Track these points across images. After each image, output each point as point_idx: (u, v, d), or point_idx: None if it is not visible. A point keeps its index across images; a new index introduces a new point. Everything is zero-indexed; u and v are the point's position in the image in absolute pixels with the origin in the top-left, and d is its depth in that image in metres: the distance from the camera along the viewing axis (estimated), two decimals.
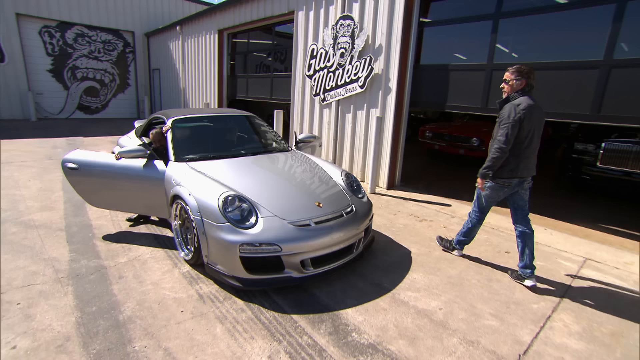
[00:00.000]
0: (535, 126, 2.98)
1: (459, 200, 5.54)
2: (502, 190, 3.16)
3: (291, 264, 2.85)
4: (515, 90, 3.00)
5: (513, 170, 3.05)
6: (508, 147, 2.94)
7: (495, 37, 4.62)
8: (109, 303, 2.68)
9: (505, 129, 2.92)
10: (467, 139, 7.81)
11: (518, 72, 2.96)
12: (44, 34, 13.52)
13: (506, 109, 2.97)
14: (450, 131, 8.34)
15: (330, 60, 6.64)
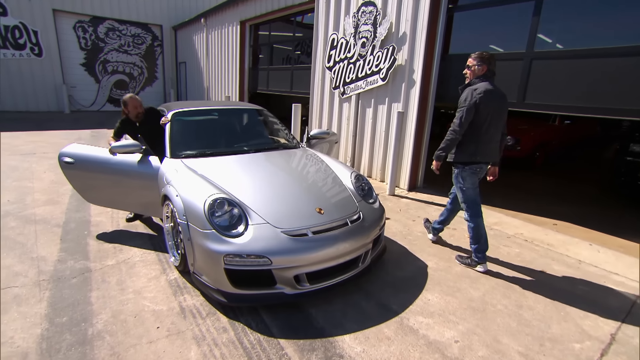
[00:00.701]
0: (494, 111, 2.99)
1: (488, 206, 4.95)
2: (476, 175, 3.18)
3: (284, 278, 2.49)
4: (476, 75, 3.03)
5: (472, 154, 3.08)
6: (461, 131, 3.00)
7: (538, 21, 3.99)
8: (82, 313, 2.45)
9: (461, 112, 2.98)
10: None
11: (480, 58, 3.00)
12: (78, 28, 13.95)
13: (465, 93, 3.00)
14: None
15: (351, 50, 6.19)
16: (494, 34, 5.01)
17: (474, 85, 3.01)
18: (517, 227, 4.28)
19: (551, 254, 3.62)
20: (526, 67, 4.10)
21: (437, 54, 5.03)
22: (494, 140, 3.12)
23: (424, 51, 5.01)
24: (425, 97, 5.23)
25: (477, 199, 3.24)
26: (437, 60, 5.06)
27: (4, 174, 5.46)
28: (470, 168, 3.12)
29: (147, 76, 15.87)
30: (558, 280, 3.14)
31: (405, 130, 5.41)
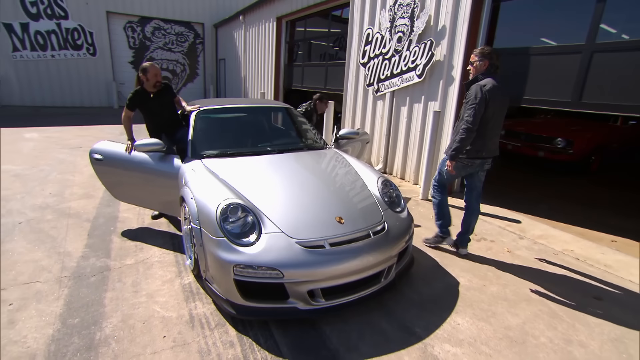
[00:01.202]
0: (498, 108, 3.05)
1: (532, 216, 4.47)
2: (465, 169, 3.23)
3: (297, 293, 2.31)
4: (479, 71, 3.06)
5: (479, 150, 3.11)
6: (475, 127, 2.98)
7: (602, 9, 3.46)
8: (94, 315, 2.43)
9: (473, 109, 2.95)
10: (549, 139, 6.46)
11: (481, 54, 3.05)
12: (128, 28, 14.78)
13: (472, 89, 2.99)
14: (528, 129, 6.98)
15: (386, 46, 5.87)
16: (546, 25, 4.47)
17: (480, 81, 3.02)
18: (567, 242, 3.79)
19: (609, 277, 3.15)
20: (585, 61, 3.58)
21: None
22: (497, 135, 3.20)
23: (465, 46, 4.59)
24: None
25: (447, 184, 3.47)
26: None
27: (51, 167, 5.78)
28: (467, 160, 3.17)
29: (189, 73, 16.44)
30: (618, 312, 2.69)
31: (441, 131, 5.02)
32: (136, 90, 3.68)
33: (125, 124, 3.70)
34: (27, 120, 10.32)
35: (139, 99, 3.67)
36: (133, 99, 3.66)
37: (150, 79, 3.59)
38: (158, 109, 3.76)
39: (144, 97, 3.67)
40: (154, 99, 3.71)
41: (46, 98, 13.73)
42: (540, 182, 6.33)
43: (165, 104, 3.81)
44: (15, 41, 12.91)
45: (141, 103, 3.69)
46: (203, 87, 16.85)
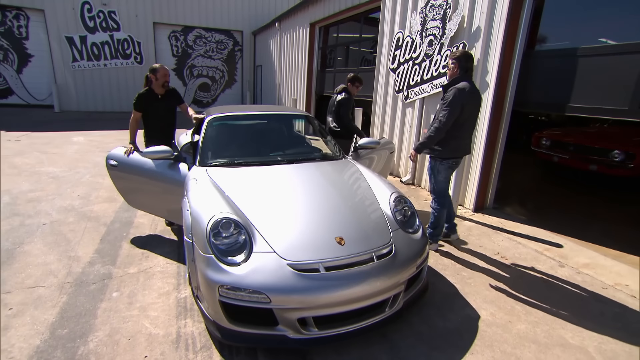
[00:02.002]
0: (473, 110, 3.25)
1: (578, 240, 3.90)
2: (452, 169, 3.43)
3: (286, 320, 2.09)
4: (453, 74, 3.21)
5: (454, 150, 3.31)
6: (446, 128, 3.17)
7: None
8: (83, 327, 2.38)
9: (447, 111, 3.12)
10: (604, 152, 5.67)
11: (454, 57, 3.21)
12: (172, 37, 15.61)
13: (451, 92, 3.13)
14: (577, 140, 6.20)
15: (417, 50, 5.53)
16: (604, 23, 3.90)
17: (458, 84, 3.14)
18: (620, 274, 3.22)
19: None
20: None
21: (517, 50, 4.13)
22: (470, 137, 3.41)
23: (502, 48, 4.16)
24: (501, 102, 4.36)
25: (447, 191, 3.53)
26: (517, 58, 4.15)
27: (86, 169, 6.06)
28: (447, 162, 3.35)
29: (227, 79, 16.99)
30: None
31: (474, 141, 4.60)
32: (144, 90, 3.73)
33: (131, 127, 3.75)
34: (79, 125, 11.10)
35: (146, 100, 3.70)
36: (140, 99, 3.69)
37: (159, 78, 3.65)
38: (163, 111, 3.81)
39: (152, 98, 3.71)
40: (162, 100, 3.76)
41: (98, 104, 14.80)
42: (590, 200, 5.59)
43: (170, 109, 3.87)
44: (75, 52, 14.11)
45: (148, 104, 3.71)
46: (240, 93, 17.30)
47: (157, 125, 3.83)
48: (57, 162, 6.45)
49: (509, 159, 5.20)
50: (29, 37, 13.68)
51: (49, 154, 7.03)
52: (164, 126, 3.90)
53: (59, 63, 13.97)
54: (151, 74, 3.67)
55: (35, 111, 13.42)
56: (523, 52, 4.12)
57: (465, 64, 3.17)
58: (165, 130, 3.92)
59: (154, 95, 3.73)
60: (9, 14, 13.23)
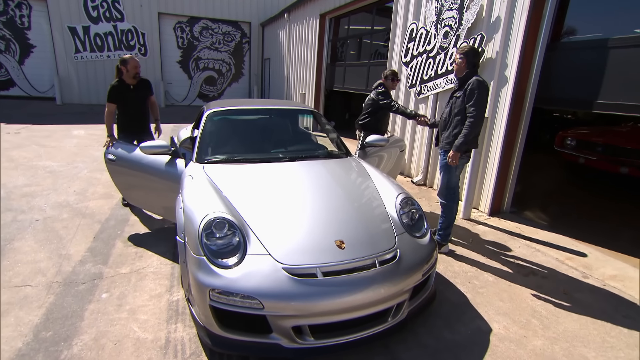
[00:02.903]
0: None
1: (604, 249, 3.64)
2: (465, 161, 3.36)
3: (280, 328, 1.93)
4: (462, 69, 3.18)
5: (471, 142, 3.21)
6: (482, 122, 3.18)
7: None
8: (68, 330, 2.24)
9: (479, 104, 3.07)
10: (636, 153, 5.30)
11: (460, 52, 3.17)
12: (177, 29, 15.21)
13: (473, 82, 3.07)
14: (607, 139, 5.79)
15: (431, 42, 5.27)
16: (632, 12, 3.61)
17: (476, 75, 3.13)
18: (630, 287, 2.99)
19: None
20: None
21: (540, 43, 3.86)
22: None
23: (523, 40, 3.89)
24: (521, 98, 4.09)
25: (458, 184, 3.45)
26: (540, 51, 3.88)
27: (84, 164, 5.95)
28: (467, 155, 3.31)
29: (234, 72, 16.59)
30: None
31: (491, 140, 4.35)
32: (115, 82, 3.78)
33: (107, 120, 3.78)
34: (80, 118, 10.98)
35: (118, 91, 3.76)
36: (113, 90, 3.74)
37: (130, 70, 3.71)
38: (134, 101, 3.88)
39: (124, 89, 3.78)
40: (133, 90, 3.83)
41: (101, 96, 14.48)
42: (619, 206, 5.27)
43: (142, 98, 3.96)
44: (77, 43, 13.83)
45: (120, 94, 3.76)
46: (248, 87, 16.96)
47: (128, 115, 3.90)
48: (56, 156, 6.32)
49: (529, 160, 4.95)
50: (32, 27, 13.45)
51: (47, 148, 6.90)
52: (136, 116, 3.96)
53: (62, 54, 13.74)
54: (122, 65, 3.73)
55: (36, 103, 13.27)
56: (547, 44, 3.85)
57: (473, 59, 3.16)
58: (137, 120, 3.97)
59: (125, 85, 3.79)
60: (11, 3, 13.01)
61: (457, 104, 3.20)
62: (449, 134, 3.26)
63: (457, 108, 3.20)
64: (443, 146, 3.35)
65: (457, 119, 3.20)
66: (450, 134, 3.25)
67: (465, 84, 3.14)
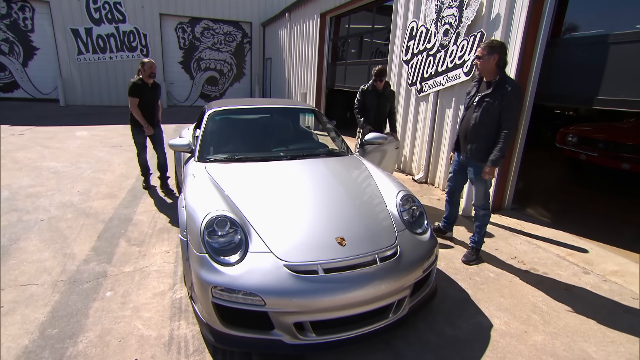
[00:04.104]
0: None
1: (605, 245, 3.64)
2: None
3: (282, 324, 1.96)
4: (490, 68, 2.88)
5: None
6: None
7: None
8: (73, 327, 2.27)
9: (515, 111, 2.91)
10: (638, 149, 5.30)
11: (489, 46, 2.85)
12: (179, 29, 15.26)
13: (514, 87, 2.84)
14: (608, 136, 5.78)
15: (431, 40, 5.27)
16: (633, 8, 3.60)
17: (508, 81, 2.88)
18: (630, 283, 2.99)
19: None
20: None
21: (540, 39, 3.85)
22: None
23: (522, 37, 3.89)
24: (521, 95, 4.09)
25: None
26: (540, 46, 3.88)
27: (88, 164, 5.99)
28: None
29: (236, 72, 16.62)
30: None
31: None
32: (138, 79, 4.41)
33: (135, 112, 4.43)
34: (83, 119, 11.05)
35: (139, 87, 4.39)
36: (134, 86, 4.38)
37: (146, 69, 4.37)
38: (151, 98, 4.54)
39: (143, 86, 4.42)
40: (151, 89, 4.50)
41: (104, 98, 14.65)
42: (621, 202, 5.26)
43: (155, 97, 4.64)
44: (80, 45, 13.91)
45: (140, 90, 4.39)
46: (249, 87, 17.00)
47: (143, 110, 4.45)
48: (59, 157, 6.38)
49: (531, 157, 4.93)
50: (35, 30, 13.52)
51: (51, 149, 6.96)
52: (148, 112, 4.53)
53: (65, 56, 13.82)
54: (140, 67, 4.42)
55: (40, 105, 13.34)
56: (547, 41, 3.84)
57: (505, 56, 2.87)
58: (148, 116, 4.54)
59: (145, 84, 4.43)
60: (14, 6, 13.08)
61: (491, 111, 2.87)
62: (482, 145, 2.96)
63: (490, 115, 2.88)
64: (473, 157, 3.04)
65: (489, 128, 2.91)
66: (482, 145, 2.96)
67: (498, 88, 2.82)
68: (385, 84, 4.54)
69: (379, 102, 4.49)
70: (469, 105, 3.09)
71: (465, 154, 3.13)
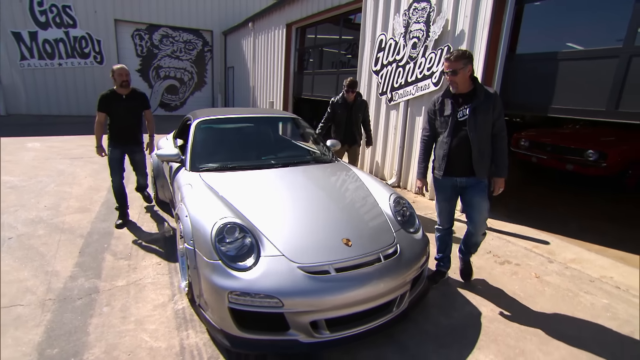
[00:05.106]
0: None
1: (563, 237, 4.10)
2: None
3: (298, 324, 2.03)
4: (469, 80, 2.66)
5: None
6: None
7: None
8: (75, 345, 2.18)
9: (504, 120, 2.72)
10: (579, 152, 5.96)
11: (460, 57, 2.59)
12: (135, 36, 14.65)
13: (497, 95, 2.68)
14: (555, 140, 6.50)
15: (400, 52, 5.62)
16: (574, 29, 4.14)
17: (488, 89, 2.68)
18: (604, 267, 3.42)
19: None
20: (623, 66, 3.26)
21: (501, 54, 4.30)
22: None
23: (486, 51, 4.31)
24: None
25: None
26: (500, 61, 4.32)
27: (50, 178, 5.61)
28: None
29: (197, 81, 16.25)
30: None
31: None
32: (107, 91, 3.74)
33: (96, 129, 3.77)
34: (31, 130, 10.22)
35: (106, 100, 3.69)
36: (102, 99, 3.69)
37: (116, 78, 3.64)
38: (124, 111, 3.75)
39: (113, 98, 3.70)
40: (124, 101, 3.73)
41: (52, 107, 13.65)
42: (569, 198, 5.89)
43: (132, 109, 3.82)
44: (24, 50, 12.89)
45: (108, 103, 3.69)
46: (211, 96, 16.68)
47: (117, 125, 3.79)
48: (13, 171, 5.88)
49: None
50: None
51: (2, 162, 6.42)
52: (125, 127, 3.83)
53: (5, 61, 12.71)
54: (111, 75, 3.72)
55: None
56: (506, 55, 4.29)
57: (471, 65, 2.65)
58: (126, 131, 3.84)
59: (117, 95, 3.72)
60: None
61: (487, 121, 2.62)
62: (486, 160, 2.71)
63: (486, 126, 2.64)
64: (481, 175, 2.71)
65: (486, 139, 2.67)
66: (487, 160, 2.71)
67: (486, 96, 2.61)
68: (357, 95, 4.63)
69: (350, 113, 4.56)
70: (455, 124, 2.67)
71: (465, 175, 2.73)
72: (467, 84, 2.65)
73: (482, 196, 2.74)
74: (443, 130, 2.75)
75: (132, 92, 3.81)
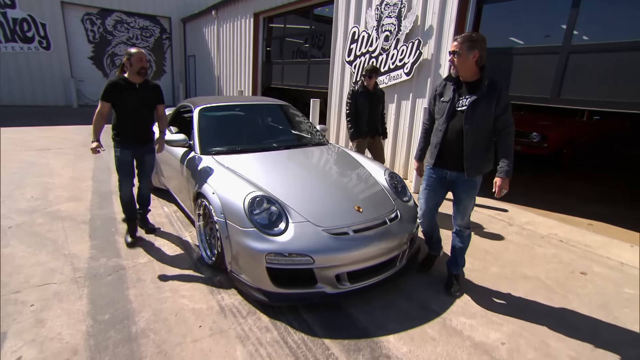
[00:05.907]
0: None
1: (517, 205, 4.87)
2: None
3: (325, 277, 2.44)
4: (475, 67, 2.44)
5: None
6: None
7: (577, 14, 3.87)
8: (123, 311, 2.42)
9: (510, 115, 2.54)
10: (524, 134, 6.86)
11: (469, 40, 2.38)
12: (86, 21, 13.74)
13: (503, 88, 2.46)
14: None
15: (373, 44, 6.08)
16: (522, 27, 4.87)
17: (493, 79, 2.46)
18: (551, 227, 4.20)
19: (590, 255, 3.55)
20: (562, 61, 3.99)
21: None
22: None
23: None
24: None
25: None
26: None
27: (22, 170, 5.42)
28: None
29: (156, 70, 15.65)
30: (602, 282, 3.07)
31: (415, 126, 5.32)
32: (116, 78, 3.11)
33: (96, 122, 3.08)
34: None
35: (116, 87, 3.05)
36: (109, 87, 3.04)
37: (133, 63, 3.03)
38: (136, 103, 3.12)
39: (124, 86, 3.07)
40: (137, 90, 3.12)
41: None
42: (520, 175, 6.80)
43: (145, 102, 3.22)
44: None
45: (119, 91, 3.05)
46: (171, 85, 16.13)
47: (126, 119, 3.14)
48: None
49: None
50: None
51: None
52: (136, 122, 3.19)
53: None
54: (126, 59, 3.07)
55: None
56: None
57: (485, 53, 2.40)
58: (136, 127, 3.21)
59: (129, 83, 3.09)
60: None
61: (487, 116, 2.45)
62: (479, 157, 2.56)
63: (486, 121, 2.46)
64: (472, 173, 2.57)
65: (484, 136, 2.51)
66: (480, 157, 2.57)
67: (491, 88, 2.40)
68: (375, 83, 4.28)
69: (371, 103, 4.22)
70: (452, 112, 2.53)
71: (456, 169, 2.60)
72: (472, 71, 2.42)
73: (469, 194, 2.65)
74: (439, 116, 2.62)
75: (145, 82, 3.20)
